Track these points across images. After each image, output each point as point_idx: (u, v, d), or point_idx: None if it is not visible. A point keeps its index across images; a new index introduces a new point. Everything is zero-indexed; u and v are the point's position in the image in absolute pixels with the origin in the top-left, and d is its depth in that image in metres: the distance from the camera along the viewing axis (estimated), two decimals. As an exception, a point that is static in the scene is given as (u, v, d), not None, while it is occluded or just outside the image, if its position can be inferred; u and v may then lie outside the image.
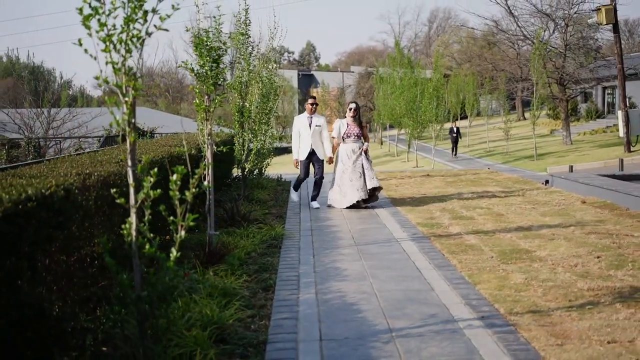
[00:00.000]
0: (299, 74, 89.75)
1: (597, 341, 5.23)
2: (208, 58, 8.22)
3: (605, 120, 50.60)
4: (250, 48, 12.49)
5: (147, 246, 4.64)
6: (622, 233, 9.60)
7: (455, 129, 42.14)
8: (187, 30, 8.54)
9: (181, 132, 17.50)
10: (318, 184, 13.27)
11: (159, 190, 4.66)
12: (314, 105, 13.41)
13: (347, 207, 12.78)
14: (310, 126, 13.16)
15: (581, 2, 41.01)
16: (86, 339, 5.36)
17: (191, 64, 8.35)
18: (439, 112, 37.77)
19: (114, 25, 4.61)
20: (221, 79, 8.44)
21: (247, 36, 12.18)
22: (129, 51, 4.64)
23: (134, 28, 4.67)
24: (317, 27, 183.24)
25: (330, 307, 6.40)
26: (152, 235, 4.73)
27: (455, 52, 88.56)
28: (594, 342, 5.20)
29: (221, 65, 8.41)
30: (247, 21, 12.14)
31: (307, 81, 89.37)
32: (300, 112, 63.35)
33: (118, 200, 4.67)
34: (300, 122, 13.33)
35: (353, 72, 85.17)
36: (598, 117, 54.43)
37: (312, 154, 13.19)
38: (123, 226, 4.69)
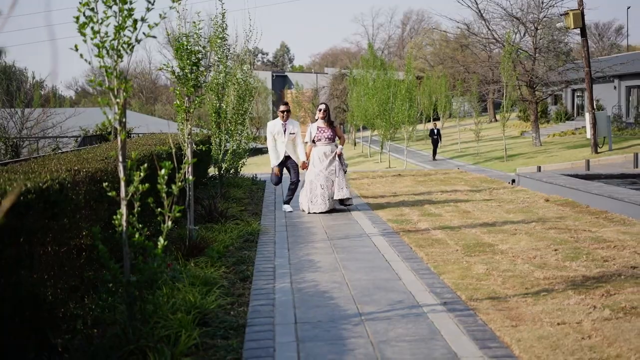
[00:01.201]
0: (273, 75, 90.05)
1: (548, 323, 5.73)
2: (188, 61, 8.63)
3: (575, 122, 51.50)
4: (226, 51, 12.90)
5: (137, 235, 5.07)
6: (580, 228, 10.14)
7: (435, 131, 40.96)
8: (167, 35, 8.95)
9: (157, 133, 17.88)
10: (293, 188, 13.02)
11: (147, 184, 5.09)
12: (288, 112, 13.06)
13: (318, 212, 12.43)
14: (284, 133, 12.85)
15: (550, 7, 41.82)
16: (77, 323, 5.76)
17: (172, 67, 8.77)
18: (412, 114, 38.42)
19: (106, 33, 5.04)
20: (201, 81, 8.85)
21: (224, 39, 12.61)
22: (120, 56, 5.07)
23: (125, 35, 5.09)
24: (291, 29, 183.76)
25: (304, 294, 6.86)
26: (140, 226, 5.16)
27: (428, 54, 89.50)
28: (545, 324, 5.70)
29: (200, 68, 8.83)
30: (224, 25, 12.57)
31: (281, 82, 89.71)
32: (274, 113, 63.72)
33: (110, 194, 5.09)
34: (275, 128, 12.95)
35: (327, 73, 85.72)
36: (567, 119, 55.35)
37: (284, 161, 12.94)
38: (114, 217, 5.11)
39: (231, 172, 15.13)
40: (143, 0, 5.40)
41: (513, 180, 16.68)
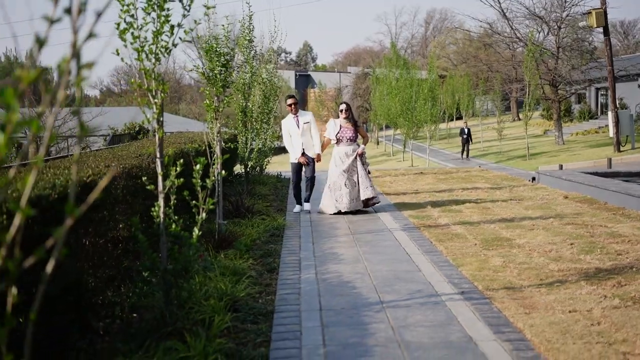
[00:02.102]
0: (296, 75, 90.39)
1: (560, 310, 6.05)
2: (217, 62, 9.02)
3: (598, 121, 51.42)
4: (253, 52, 13.30)
5: (173, 226, 5.46)
6: (597, 224, 10.42)
7: (466, 130, 39.49)
8: (198, 38, 9.33)
9: (184, 131, 18.34)
10: (311, 184, 12.73)
11: (182, 179, 5.49)
12: (295, 105, 12.70)
13: (337, 213, 12.23)
14: (298, 126, 12.59)
15: (574, 5, 41.86)
16: (115, 309, 6.16)
17: (202, 68, 9.17)
18: (434, 113, 38.65)
19: (145, 38, 5.43)
20: (229, 82, 9.25)
21: (251, 41, 13.01)
22: (158, 59, 5.46)
23: (162, 40, 5.49)
24: (314, 28, 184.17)
25: (328, 284, 7.23)
26: (176, 217, 5.55)
27: (451, 53, 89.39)
28: (557, 311, 6.02)
29: (229, 69, 9.22)
30: (251, 26, 12.97)
31: (304, 81, 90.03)
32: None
33: (148, 187, 5.48)
34: (289, 123, 12.72)
35: (350, 72, 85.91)
36: (591, 118, 55.25)
37: (302, 155, 12.64)
38: (152, 209, 5.51)
39: (256, 169, 15.53)
40: (178, 6, 5.80)
41: (533, 178, 16.93)
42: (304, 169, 12.73)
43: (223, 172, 7.65)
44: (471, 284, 7.08)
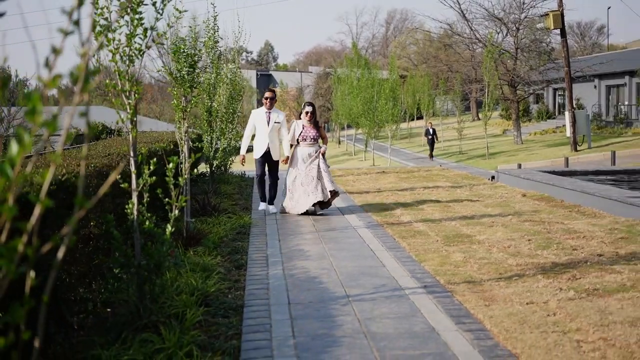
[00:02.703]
0: (257, 74, 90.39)
1: (517, 302, 6.33)
2: (185, 64, 9.18)
3: (556, 121, 52.33)
4: (218, 52, 13.46)
5: (147, 223, 5.64)
6: (554, 221, 10.78)
7: (431, 130, 39.36)
8: (165, 39, 9.46)
9: (146, 131, 18.41)
10: (274, 187, 12.49)
11: (154, 177, 5.66)
12: (272, 99, 12.40)
13: (301, 214, 12.10)
14: (268, 122, 12.17)
15: (531, 7, 42.58)
16: (87, 305, 6.31)
17: (169, 68, 9.32)
18: (395, 112, 39.06)
19: (119, 40, 5.59)
20: (196, 82, 9.41)
21: (216, 42, 13.16)
22: (132, 61, 5.63)
23: (136, 42, 5.66)
24: (275, 27, 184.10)
25: (295, 280, 7.44)
26: (149, 214, 5.73)
27: (412, 53, 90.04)
28: (515, 303, 6.31)
29: (196, 70, 9.38)
30: (216, 27, 13.12)
31: (265, 81, 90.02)
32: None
33: (122, 185, 5.64)
34: (259, 116, 12.27)
35: (311, 72, 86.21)
36: (549, 118, 56.21)
37: (267, 152, 12.24)
38: (126, 207, 5.68)
39: (221, 168, 15.69)
40: (150, 9, 5.97)
41: (493, 177, 17.31)
42: (266, 165, 12.41)
43: (195, 170, 7.81)
44: (433, 278, 7.35)
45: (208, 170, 14.60)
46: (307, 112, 12.46)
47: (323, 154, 12.36)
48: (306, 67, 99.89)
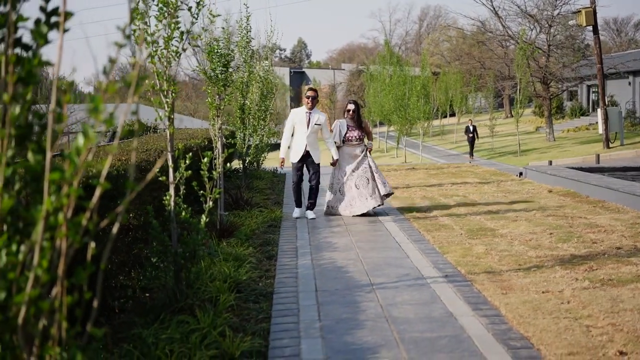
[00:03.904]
0: (290, 71, 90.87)
1: (534, 291, 6.65)
2: (219, 63, 9.59)
3: (589, 118, 52.09)
4: (251, 52, 13.88)
5: (183, 213, 6.05)
6: (577, 216, 11.04)
7: (471, 128, 37.75)
8: (200, 39, 9.89)
9: (181, 128, 18.91)
10: (314, 192, 11.64)
11: (189, 172, 6.07)
12: (314, 99, 11.61)
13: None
14: (308, 124, 11.40)
15: (564, 4, 42.54)
16: (127, 291, 6.75)
17: (204, 68, 9.74)
18: (427, 110, 39.28)
19: (157, 43, 6.01)
20: (230, 81, 9.82)
21: (249, 42, 13.59)
22: (169, 63, 6.04)
23: (173, 45, 6.07)
24: (308, 25, 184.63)
25: (323, 269, 7.83)
26: (185, 206, 6.14)
27: (444, 50, 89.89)
28: (531, 292, 6.62)
29: (229, 69, 9.80)
30: (249, 27, 13.54)
31: (298, 78, 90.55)
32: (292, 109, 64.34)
33: (161, 178, 6.06)
34: (298, 117, 11.51)
35: (344, 69, 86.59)
36: (582, 115, 55.93)
37: (306, 156, 11.51)
38: (164, 198, 6.10)
39: (254, 165, 16.13)
40: (187, 13, 6.38)
41: (520, 173, 17.54)
42: (305, 170, 11.69)
43: (228, 164, 8.23)
44: (454, 269, 7.68)
45: (241, 166, 15.03)
46: (348, 110, 11.89)
47: (370, 151, 11.96)
48: (339, 65, 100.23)
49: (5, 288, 2.12)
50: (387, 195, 11.76)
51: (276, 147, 39.82)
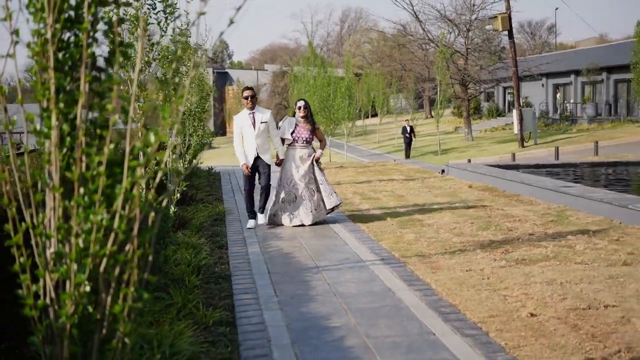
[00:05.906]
0: (213, 72, 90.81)
1: (459, 270, 7.67)
2: (170, 67, 10.34)
3: (505, 119, 54.26)
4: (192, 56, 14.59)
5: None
6: (495, 207, 12.19)
7: (408, 128, 38.48)
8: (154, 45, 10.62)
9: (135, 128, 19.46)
10: (266, 193, 11.06)
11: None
12: (253, 98, 10.85)
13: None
14: (254, 125, 10.76)
15: (482, 9, 44.37)
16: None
17: (155, 73, 10.48)
18: (351, 110, 40.44)
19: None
20: (180, 86, 10.55)
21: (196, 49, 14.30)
22: (141, 71, 6.82)
23: (145, 55, 6.85)
24: (228, 23, 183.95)
25: (272, 255, 8.71)
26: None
27: (366, 52, 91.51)
28: (457, 270, 7.64)
29: (180, 74, 10.55)
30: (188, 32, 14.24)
31: (221, 79, 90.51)
32: (215, 109, 64.73)
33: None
34: (243, 121, 10.84)
35: (267, 70, 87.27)
36: (499, 115, 58.19)
37: (257, 159, 10.85)
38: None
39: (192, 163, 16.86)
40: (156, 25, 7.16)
41: (443, 171, 18.73)
42: (257, 175, 11.06)
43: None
44: (389, 253, 8.66)
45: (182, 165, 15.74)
46: (299, 107, 11.08)
47: (317, 160, 11.15)
48: (261, 65, 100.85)
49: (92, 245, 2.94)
50: (334, 208, 11.11)
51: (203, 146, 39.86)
